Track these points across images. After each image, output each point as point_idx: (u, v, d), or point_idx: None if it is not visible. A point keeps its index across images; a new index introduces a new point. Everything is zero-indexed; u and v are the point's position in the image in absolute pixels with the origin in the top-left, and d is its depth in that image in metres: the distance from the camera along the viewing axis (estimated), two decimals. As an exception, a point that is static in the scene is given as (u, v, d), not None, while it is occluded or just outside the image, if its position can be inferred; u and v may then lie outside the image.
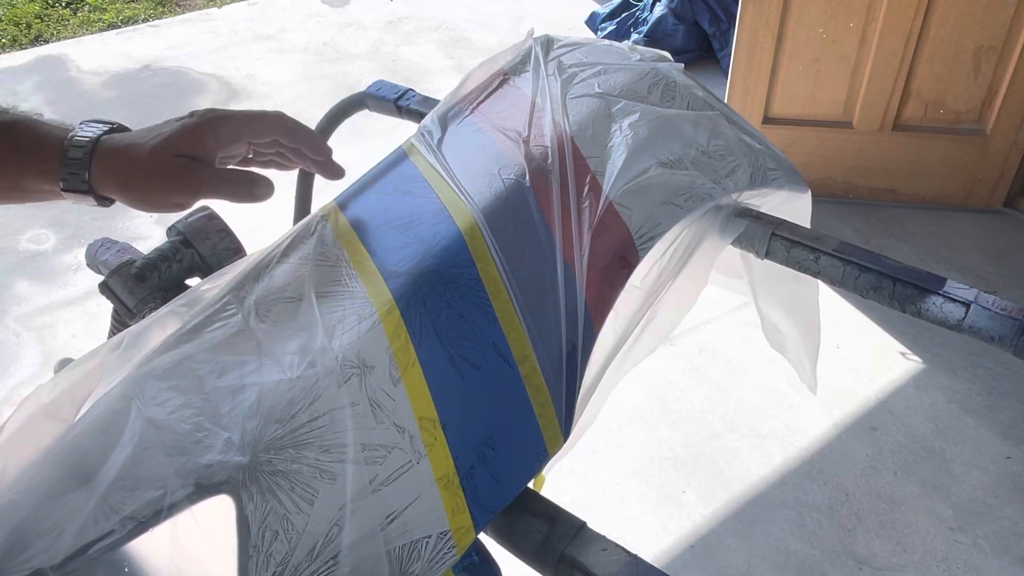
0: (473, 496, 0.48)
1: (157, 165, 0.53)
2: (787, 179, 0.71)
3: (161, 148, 0.53)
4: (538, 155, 0.62)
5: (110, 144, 0.55)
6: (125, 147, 0.54)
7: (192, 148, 0.54)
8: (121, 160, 0.54)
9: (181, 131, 0.54)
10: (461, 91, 0.71)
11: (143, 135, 0.55)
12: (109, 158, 0.54)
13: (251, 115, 0.57)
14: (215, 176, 0.55)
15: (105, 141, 0.55)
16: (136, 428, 0.46)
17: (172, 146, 0.53)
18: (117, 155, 0.54)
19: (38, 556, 0.42)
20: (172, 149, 0.53)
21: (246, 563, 0.43)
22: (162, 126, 0.56)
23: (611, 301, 0.58)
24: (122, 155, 0.54)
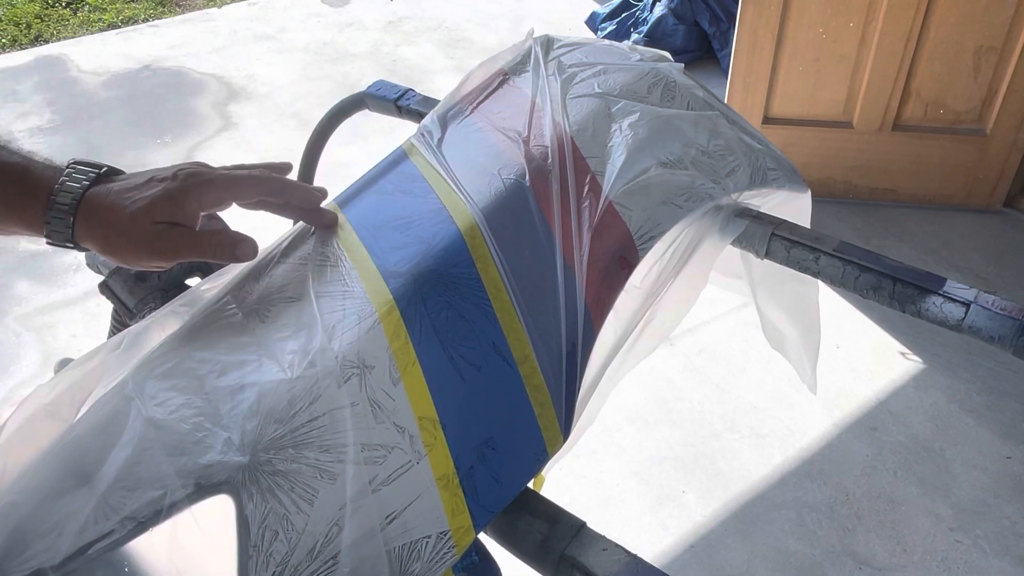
0: (473, 496, 0.48)
1: (135, 232, 0.52)
2: (787, 179, 0.71)
3: (140, 215, 0.52)
4: (538, 155, 0.62)
5: (94, 201, 0.54)
6: (107, 208, 0.53)
7: (172, 215, 0.53)
8: (102, 223, 0.53)
9: (162, 197, 0.53)
10: (461, 91, 0.71)
11: (125, 195, 0.54)
12: (91, 218, 0.53)
13: (234, 179, 0.56)
14: (194, 241, 0.54)
15: (90, 197, 0.54)
16: (136, 428, 0.46)
17: (151, 213, 0.52)
18: (98, 217, 0.53)
19: (38, 556, 0.42)
20: (151, 216, 0.52)
21: (246, 563, 0.43)
22: (144, 186, 0.54)
23: (611, 301, 0.58)
24: (103, 218, 0.53)
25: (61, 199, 0.53)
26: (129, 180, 0.55)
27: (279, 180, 0.58)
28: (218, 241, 0.54)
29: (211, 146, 2.73)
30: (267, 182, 0.57)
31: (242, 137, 2.79)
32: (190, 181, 0.54)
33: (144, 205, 0.52)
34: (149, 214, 0.52)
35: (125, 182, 0.55)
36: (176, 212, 0.53)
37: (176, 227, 0.53)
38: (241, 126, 2.85)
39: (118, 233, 0.52)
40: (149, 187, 0.54)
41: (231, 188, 0.55)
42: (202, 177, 0.54)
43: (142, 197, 0.53)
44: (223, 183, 0.55)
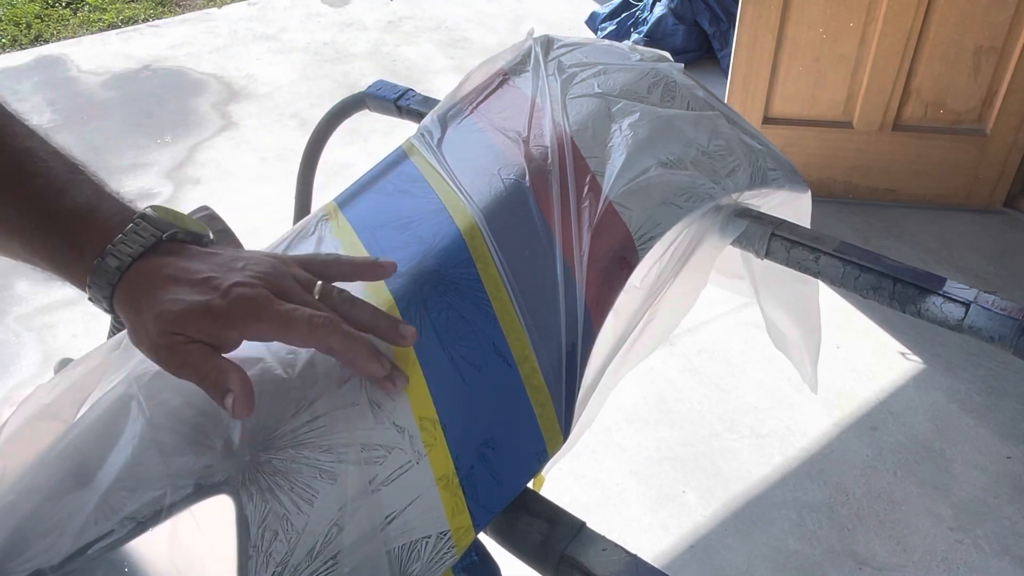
0: (473, 496, 0.48)
1: (155, 331, 0.46)
2: (787, 179, 0.71)
3: (167, 320, 0.45)
4: (538, 155, 0.62)
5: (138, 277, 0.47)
6: (144, 292, 0.47)
7: (200, 332, 0.46)
8: (133, 306, 0.47)
9: (200, 311, 0.45)
10: (461, 91, 0.71)
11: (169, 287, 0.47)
12: (129, 295, 0.47)
13: (290, 323, 0.46)
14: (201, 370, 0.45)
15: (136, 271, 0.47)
16: (136, 428, 0.46)
17: (178, 323, 0.45)
18: (133, 298, 0.47)
19: (38, 556, 0.42)
20: (177, 326, 0.45)
21: (246, 563, 0.43)
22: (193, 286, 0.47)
23: (611, 301, 0.58)
24: (135, 302, 0.47)
25: (108, 263, 0.47)
26: (187, 263, 0.48)
27: (343, 338, 0.47)
28: (214, 379, 0.45)
29: (211, 146, 2.73)
30: (328, 337, 0.46)
31: (242, 137, 2.79)
32: (240, 307, 0.46)
33: (176, 311, 0.45)
34: (176, 322, 0.45)
35: (182, 264, 0.48)
36: (205, 333, 0.46)
37: (194, 344, 0.46)
38: (241, 126, 2.85)
39: (141, 324, 0.46)
40: (196, 289, 0.46)
41: (282, 332, 0.46)
42: (255, 306, 0.46)
43: (180, 300, 0.46)
44: (277, 324, 0.46)
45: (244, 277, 0.47)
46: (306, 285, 0.50)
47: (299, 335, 0.46)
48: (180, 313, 0.45)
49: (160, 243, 0.49)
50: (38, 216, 0.49)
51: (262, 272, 0.48)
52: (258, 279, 0.47)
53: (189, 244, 0.50)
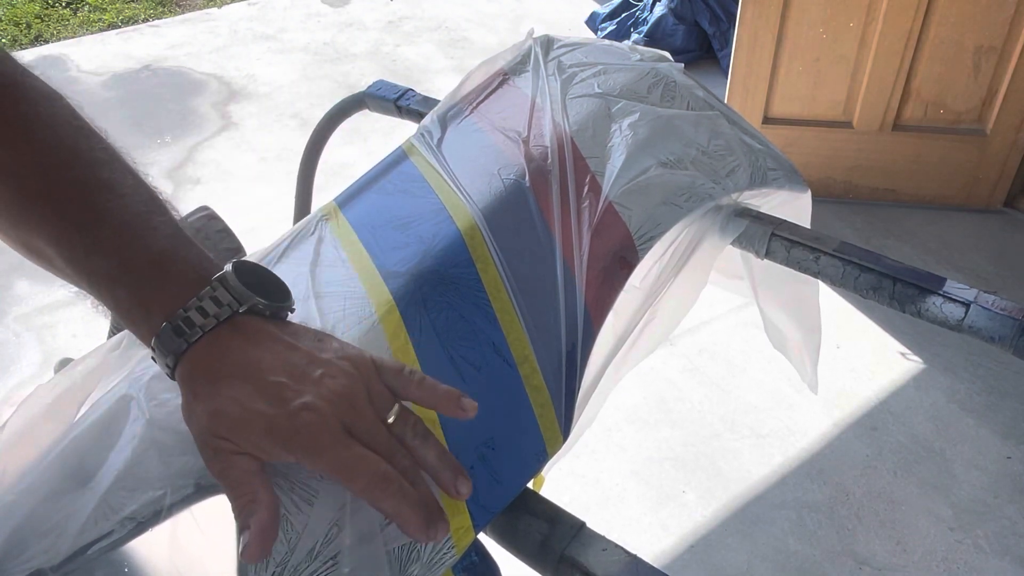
0: (473, 496, 0.48)
1: (204, 428, 0.42)
2: (787, 179, 0.71)
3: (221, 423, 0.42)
4: (538, 155, 0.62)
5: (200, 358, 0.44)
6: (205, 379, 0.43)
7: (252, 447, 0.42)
8: (191, 389, 0.44)
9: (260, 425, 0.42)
10: (461, 91, 0.71)
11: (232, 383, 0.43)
12: (190, 373, 0.44)
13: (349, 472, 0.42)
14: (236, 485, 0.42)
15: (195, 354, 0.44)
16: (136, 428, 0.46)
17: (232, 431, 0.42)
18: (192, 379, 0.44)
19: (38, 556, 0.42)
20: (231, 433, 0.42)
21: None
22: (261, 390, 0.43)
23: (611, 301, 0.58)
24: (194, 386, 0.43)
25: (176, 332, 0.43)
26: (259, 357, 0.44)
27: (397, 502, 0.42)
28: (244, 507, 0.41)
29: (211, 146, 2.73)
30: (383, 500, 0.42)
31: (242, 137, 2.79)
32: (303, 438, 0.42)
33: (234, 418, 0.42)
34: (231, 429, 0.42)
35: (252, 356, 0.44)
36: (257, 448, 0.42)
37: (241, 456, 0.42)
38: (241, 126, 2.85)
39: (194, 413, 0.43)
40: (262, 396, 0.42)
41: (337, 477, 0.42)
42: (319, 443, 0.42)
43: (242, 405, 0.42)
44: (336, 468, 0.42)
45: (316, 398, 0.42)
46: (381, 405, 0.45)
47: (356, 488, 0.42)
48: (238, 421, 0.42)
49: (233, 316, 0.44)
50: (108, 262, 0.45)
51: (338, 391, 0.43)
52: (330, 403, 0.43)
53: (267, 319, 0.46)
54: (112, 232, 0.45)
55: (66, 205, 0.46)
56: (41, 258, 0.48)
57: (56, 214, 0.46)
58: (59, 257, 0.46)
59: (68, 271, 0.47)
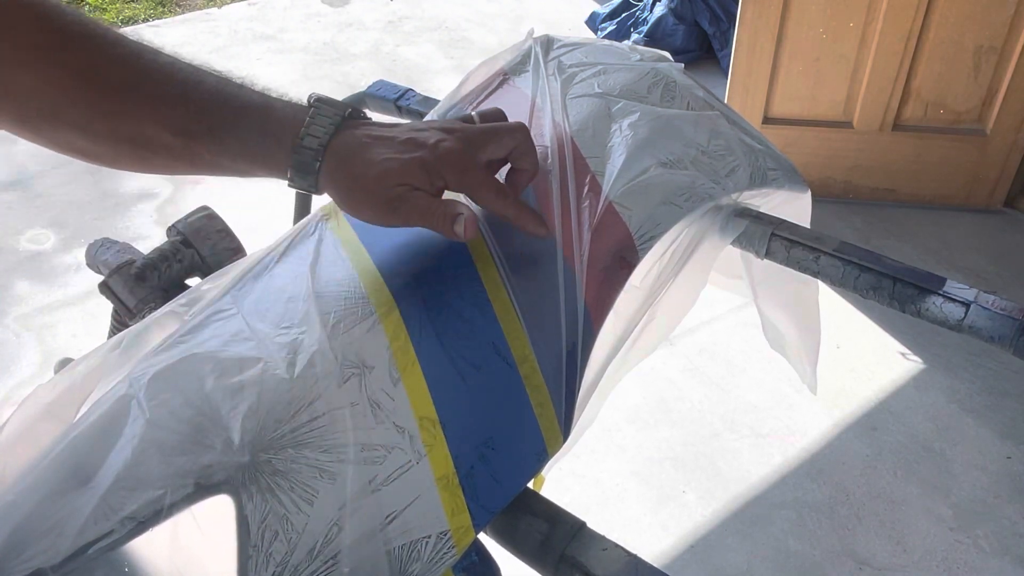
0: (473, 496, 0.48)
1: (380, 189, 0.50)
2: (787, 179, 0.71)
3: (391, 176, 0.50)
4: (538, 155, 0.61)
5: (342, 148, 0.52)
6: (356, 159, 0.51)
7: (421, 183, 0.51)
8: (348, 174, 0.51)
9: (417, 165, 0.51)
10: (461, 91, 0.71)
11: (378, 150, 0.51)
12: (338, 167, 0.51)
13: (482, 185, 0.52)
14: (428, 210, 0.51)
15: (337, 143, 0.51)
16: (136, 428, 0.46)
17: (402, 176, 0.50)
18: (345, 168, 0.51)
19: (38, 556, 0.42)
20: (401, 179, 0.50)
21: (246, 563, 0.43)
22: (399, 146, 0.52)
23: (611, 301, 0.57)
24: (349, 170, 0.51)
25: (308, 143, 0.51)
26: (381, 132, 0.53)
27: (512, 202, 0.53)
28: (442, 212, 0.51)
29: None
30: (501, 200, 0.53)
31: (242, 137, 2.78)
32: (449, 160, 0.51)
33: (397, 168, 0.50)
34: (403, 174, 0.50)
35: (377, 132, 0.53)
36: (424, 182, 0.51)
37: (418, 191, 0.51)
38: (241, 126, 2.85)
39: (363, 188, 0.51)
40: (405, 148, 0.51)
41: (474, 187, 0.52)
42: (459, 160, 0.51)
43: (396, 159, 0.51)
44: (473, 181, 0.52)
45: (440, 138, 0.52)
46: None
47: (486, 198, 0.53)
48: (403, 168, 0.50)
49: (345, 120, 0.53)
50: (221, 116, 0.51)
51: (449, 128, 0.53)
52: (449, 135, 0.52)
53: (365, 121, 0.54)
54: (214, 91, 0.52)
55: (160, 82, 0.51)
56: (142, 146, 0.52)
57: (157, 94, 0.51)
58: (168, 131, 0.51)
59: (179, 143, 0.51)
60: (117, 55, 0.51)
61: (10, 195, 2.53)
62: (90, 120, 0.51)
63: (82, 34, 0.50)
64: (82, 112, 0.51)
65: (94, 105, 0.50)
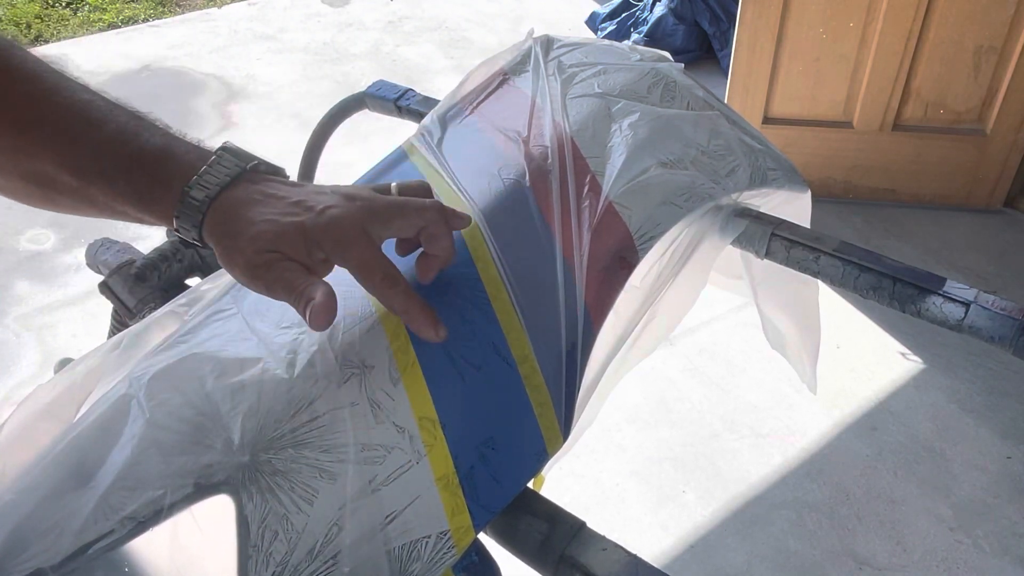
0: (473, 496, 0.48)
1: (251, 252, 0.47)
2: (787, 179, 0.71)
3: (264, 238, 0.47)
4: (538, 155, 0.62)
5: (229, 203, 0.48)
6: (237, 217, 0.48)
7: (294, 252, 0.47)
8: (228, 231, 0.48)
9: (294, 230, 0.47)
10: (461, 91, 0.71)
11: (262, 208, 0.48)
12: (220, 221, 0.48)
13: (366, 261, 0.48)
14: (291, 285, 0.47)
15: (226, 198, 0.48)
16: (136, 428, 0.46)
17: (275, 241, 0.47)
18: (226, 224, 0.48)
19: (38, 556, 0.42)
20: (274, 244, 0.47)
21: (246, 563, 0.43)
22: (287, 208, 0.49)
23: (611, 301, 0.57)
24: (229, 226, 0.48)
25: (195, 193, 0.48)
26: (277, 190, 0.50)
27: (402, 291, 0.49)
28: (300, 293, 0.47)
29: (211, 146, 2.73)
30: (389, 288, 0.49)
31: (242, 137, 2.79)
32: (332, 230, 0.48)
33: (272, 231, 0.47)
34: (275, 240, 0.47)
35: (272, 190, 0.50)
36: (299, 252, 0.47)
37: (288, 261, 0.47)
38: (241, 126, 2.85)
39: (237, 248, 0.48)
40: (289, 211, 0.48)
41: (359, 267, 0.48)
42: (345, 232, 0.48)
43: (274, 221, 0.47)
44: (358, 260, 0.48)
45: (335, 200, 0.49)
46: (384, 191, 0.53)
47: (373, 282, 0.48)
48: (278, 232, 0.47)
49: (244, 173, 0.50)
50: (116, 158, 0.49)
51: (348, 193, 0.51)
52: (351, 202, 0.49)
53: (270, 176, 0.52)
54: (112, 135, 0.50)
55: (64, 122, 0.49)
56: (43, 184, 0.51)
57: (56, 132, 0.49)
58: (65, 170, 0.49)
59: (75, 183, 0.50)
60: (27, 91, 0.50)
61: (10, 195, 2.53)
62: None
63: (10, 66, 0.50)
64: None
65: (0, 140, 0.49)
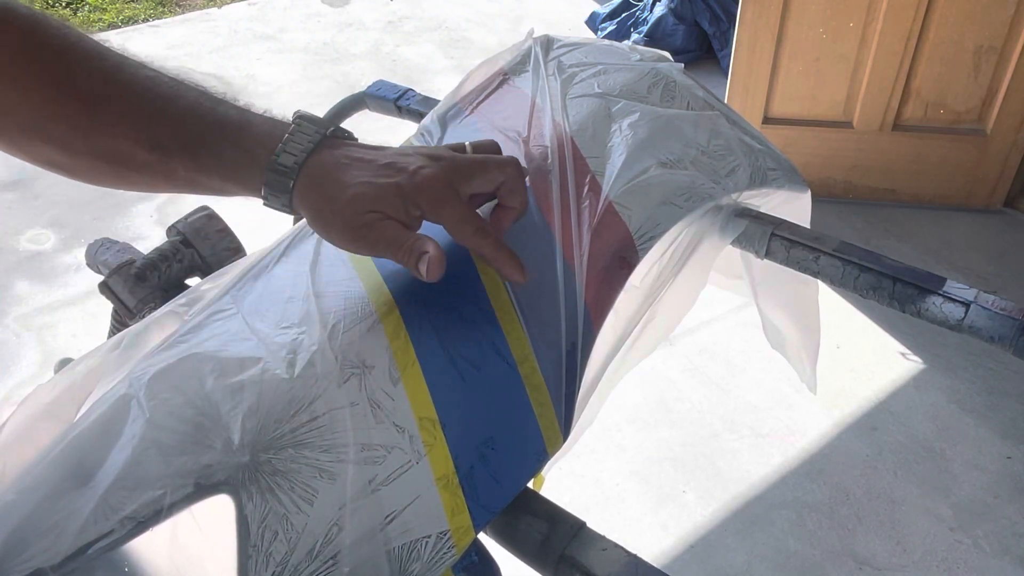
0: (473, 496, 0.48)
1: (350, 214, 0.48)
2: (787, 179, 0.71)
3: (362, 201, 0.48)
4: (538, 155, 0.62)
5: (317, 168, 0.49)
6: (330, 180, 0.49)
7: (394, 211, 0.49)
8: (321, 195, 0.49)
9: (392, 192, 0.48)
10: (461, 91, 0.71)
11: (355, 172, 0.49)
12: (312, 186, 0.49)
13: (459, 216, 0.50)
14: (397, 242, 0.49)
15: (313, 163, 0.49)
16: (136, 428, 0.46)
17: (375, 203, 0.48)
18: (319, 188, 0.49)
19: (38, 556, 0.42)
20: (373, 205, 0.48)
21: (246, 563, 0.43)
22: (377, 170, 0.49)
23: (611, 301, 0.57)
24: (323, 190, 0.49)
25: (283, 160, 0.49)
26: (362, 154, 0.51)
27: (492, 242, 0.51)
28: (409, 248, 0.48)
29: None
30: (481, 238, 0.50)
31: (242, 137, 2.78)
32: (427, 189, 0.49)
33: (371, 192, 0.48)
34: (375, 201, 0.48)
35: (357, 154, 0.50)
36: (398, 211, 0.49)
37: (389, 220, 0.49)
38: (241, 126, 2.85)
39: (334, 211, 0.48)
40: (382, 173, 0.49)
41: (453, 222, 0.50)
42: (438, 190, 0.49)
43: (371, 183, 0.48)
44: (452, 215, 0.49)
45: (424, 161, 0.50)
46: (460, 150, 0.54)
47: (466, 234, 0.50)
48: (377, 194, 0.48)
49: (325, 139, 0.51)
50: (196, 131, 0.50)
51: (437, 154, 0.51)
52: (434, 161, 0.50)
53: (348, 140, 0.52)
54: (191, 105, 0.50)
55: (136, 98, 0.50)
56: (115, 162, 0.51)
57: (130, 108, 0.49)
58: (141, 146, 0.49)
59: (153, 159, 0.50)
60: (95, 69, 0.50)
61: (10, 195, 2.53)
62: (67, 135, 0.50)
63: (62, 48, 0.49)
64: (59, 127, 0.49)
65: (71, 120, 0.49)
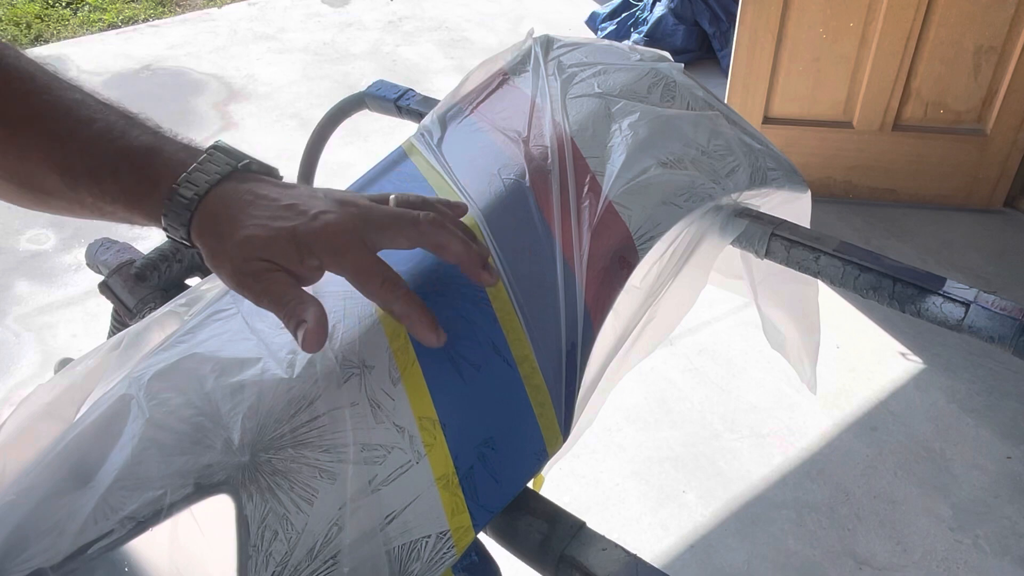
0: (473, 496, 0.48)
1: (239, 257, 0.45)
2: (787, 179, 0.71)
3: (253, 245, 0.45)
4: (538, 155, 0.62)
5: (217, 202, 0.46)
6: (227, 217, 0.46)
7: (286, 260, 0.45)
8: (216, 232, 0.46)
9: (286, 237, 0.45)
10: (461, 91, 0.71)
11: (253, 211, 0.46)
12: (209, 221, 0.46)
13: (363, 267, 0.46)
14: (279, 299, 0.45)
15: (214, 197, 0.46)
16: (136, 428, 0.46)
17: (265, 248, 0.45)
18: (214, 224, 0.46)
19: (38, 556, 0.42)
20: (264, 251, 0.45)
21: (246, 563, 0.43)
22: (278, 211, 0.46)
23: (611, 301, 0.58)
24: (217, 228, 0.46)
25: (183, 191, 0.46)
26: (268, 191, 0.47)
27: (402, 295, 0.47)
28: (291, 311, 0.45)
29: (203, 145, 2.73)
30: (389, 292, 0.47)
31: (242, 137, 2.79)
32: (325, 237, 0.45)
33: (263, 236, 0.45)
34: (264, 248, 0.45)
35: (263, 191, 0.47)
36: (291, 260, 0.45)
37: (278, 272, 0.45)
38: (241, 126, 2.85)
39: (224, 252, 0.45)
40: (280, 215, 0.46)
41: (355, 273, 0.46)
42: (338, 237, 0.45)
43: (266, 225, 0.45)
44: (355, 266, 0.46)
45: (329, 206, 0.47)
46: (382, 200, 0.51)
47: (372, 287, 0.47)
48: (268, 238, 0.45)
49: (235, 172, 0.48)
50: (104, 156, 0.48)
51: (343, 199, 0.48)
52: (345, 208, 0.47)
53: (263, 176, 0.49)
54: (100, 133, 0.48)
55: (53, 120, 0.48)
56: (33, 187, 0.50)
57: (44, 130, 0.48)
58: (54, 171, 0.48)
59: (63, 184, 0.48)
60: (19, 91, 0.48)
61: (10, 195, 2.53)
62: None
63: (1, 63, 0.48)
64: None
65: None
